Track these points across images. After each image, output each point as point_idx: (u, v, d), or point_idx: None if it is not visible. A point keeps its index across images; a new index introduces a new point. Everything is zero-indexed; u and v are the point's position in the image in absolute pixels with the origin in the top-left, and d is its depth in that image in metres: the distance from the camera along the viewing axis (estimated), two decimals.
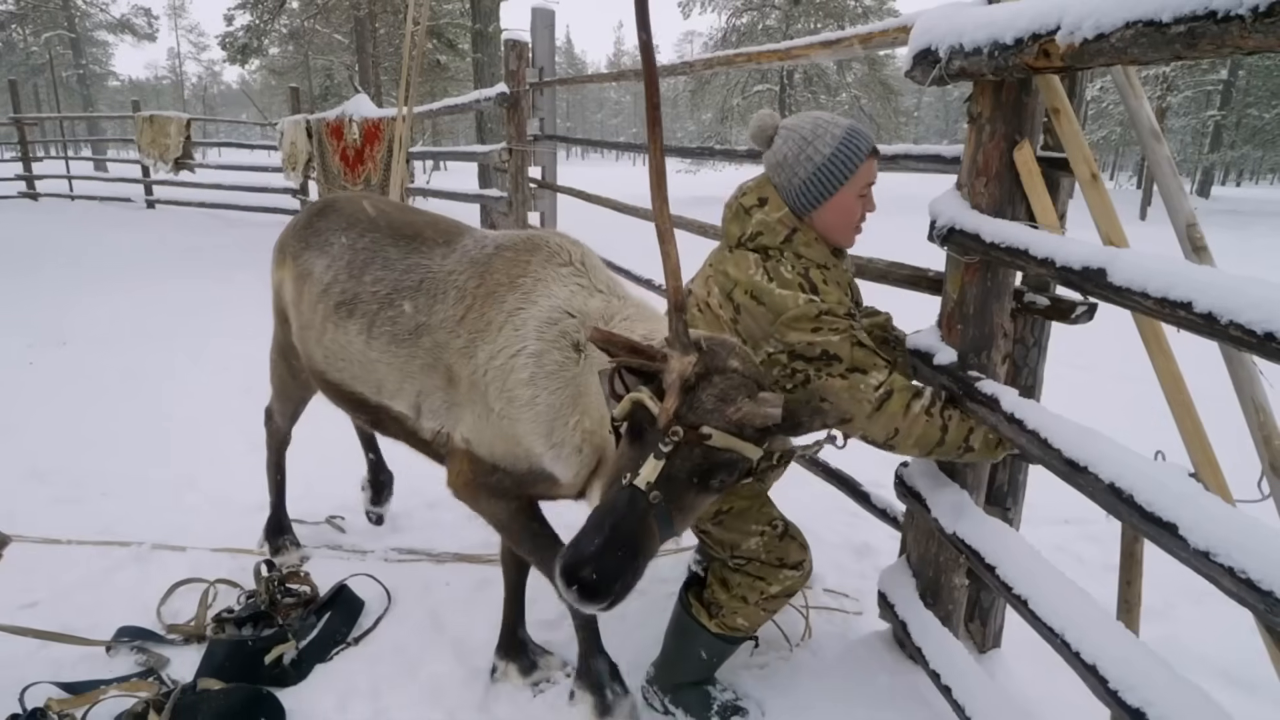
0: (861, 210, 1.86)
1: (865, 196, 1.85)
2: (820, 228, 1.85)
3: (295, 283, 2.37)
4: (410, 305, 2.03)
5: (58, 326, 5.85)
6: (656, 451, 1.31)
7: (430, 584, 2.67)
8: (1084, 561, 2.88)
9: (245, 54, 20.60)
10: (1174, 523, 1.12)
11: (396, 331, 2.04)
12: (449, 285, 2.00)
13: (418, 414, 2.05)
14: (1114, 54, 1.26)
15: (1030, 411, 1.52)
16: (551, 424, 1.77)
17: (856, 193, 1.82)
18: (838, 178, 1.78)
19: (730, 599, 1.96)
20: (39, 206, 13.18)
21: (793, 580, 1.94)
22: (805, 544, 1.99)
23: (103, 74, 44.11)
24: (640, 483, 1.31)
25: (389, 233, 2.24)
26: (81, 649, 2.23)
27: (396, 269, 2.12)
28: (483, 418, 1.86)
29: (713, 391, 1.35)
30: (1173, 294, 1.15)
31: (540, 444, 1.79)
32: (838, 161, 1.78)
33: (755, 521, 1.94)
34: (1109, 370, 5.10)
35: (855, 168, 1.79)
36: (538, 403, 1.77)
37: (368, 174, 7.74)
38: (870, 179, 1.84)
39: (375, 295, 2.11)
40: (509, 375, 1.79)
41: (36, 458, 3.58)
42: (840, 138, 1.78)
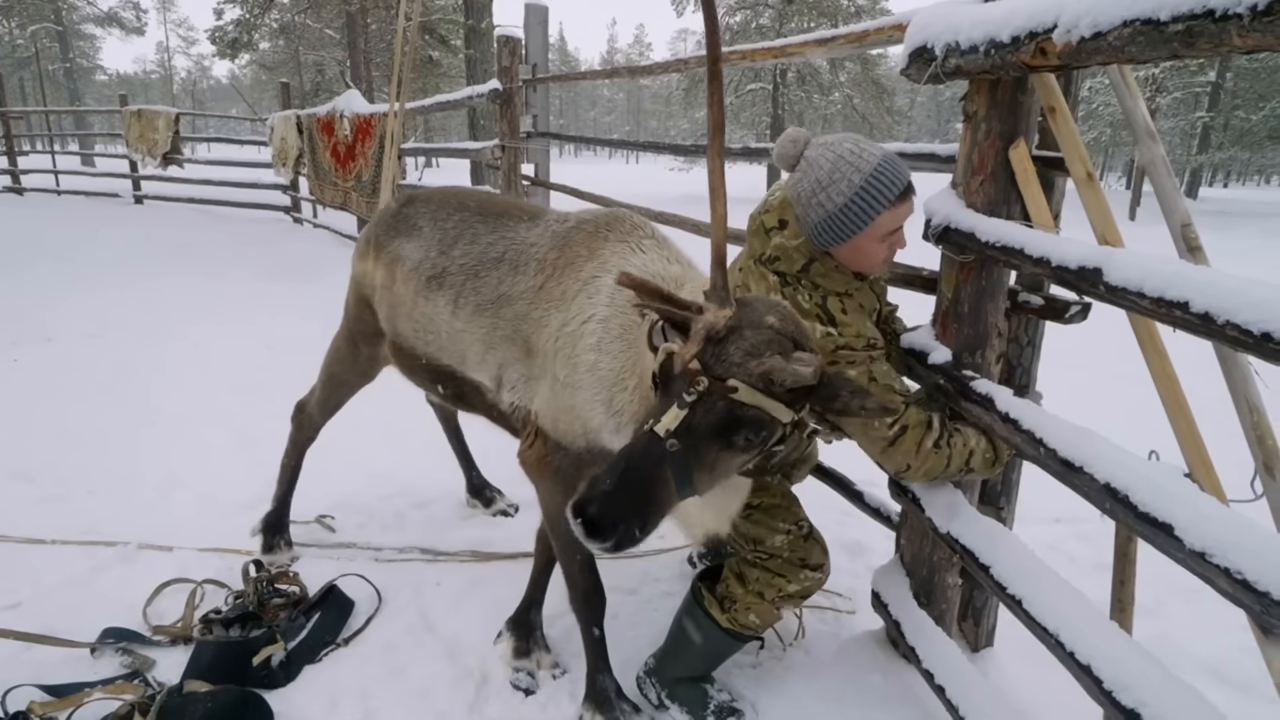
0: (890, 249, 1.73)
1: (893, 235, 1.70)
2: (841, 259, 1.75)
3: (386, 269, 2.43)
4: (494, 276, 2.09)
5: (43, 323, 5.78)
6: (680, 401, 1.29)
7: (421, 584, 2.65)
8: (1075, 560, 2.89)
9: (235, 48, 20.46)
10: (1169, 523, 1.12)
11: (480, 302, 2.09)
12: (530, 257, 2.04)
13: (498, 386, 2.07)
14: (1111, 52, 1.25)
15: (1025, 411, 1.52)
16: (611, 390, 1.74)
17: (878, 238, 1.68)
18: (854, 226, 1.64)
19: (746, 594, 1.94)
20: (25, 201, 13.03)
21: (811, 582, 1.94)
22: (826, 549, 2.00)
23: (90, 68, 43.75)
24: (660, 429, 1.28)
25: (477, 211, 2.31)
26: (65, 651, 2.19)
27: (483, 242, 2.19)
28: (551, 389, 1.87)
29: (742, 345, 1.31)
30: (1169, 294, 1.15)
31: (600, 414, 1.75)
32: (854, 210, 1.63)
33: (783, 520, 1.94)
34: (1103, 370, 5.12)
35: (874, 217, 1.63)
36: (600, 368, 1.75)
37: (359, 170, 7.69)
38: (896, 224, 1.68)
39: (463, 268, 2.18)
40: (578, 342, 1.80)
41: (20, 456, 3.53)
42: (859, 186, 1.61)
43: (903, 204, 1.68)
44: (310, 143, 9.01)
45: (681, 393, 1.29)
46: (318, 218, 10.59)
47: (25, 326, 5.67)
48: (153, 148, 11.49)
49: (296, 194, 11.03)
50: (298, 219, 11.18)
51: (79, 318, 5.97)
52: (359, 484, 3.29)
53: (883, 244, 1.70)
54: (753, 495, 1.90)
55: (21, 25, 34.41)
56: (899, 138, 32.28)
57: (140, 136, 11.62)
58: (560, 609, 2.51)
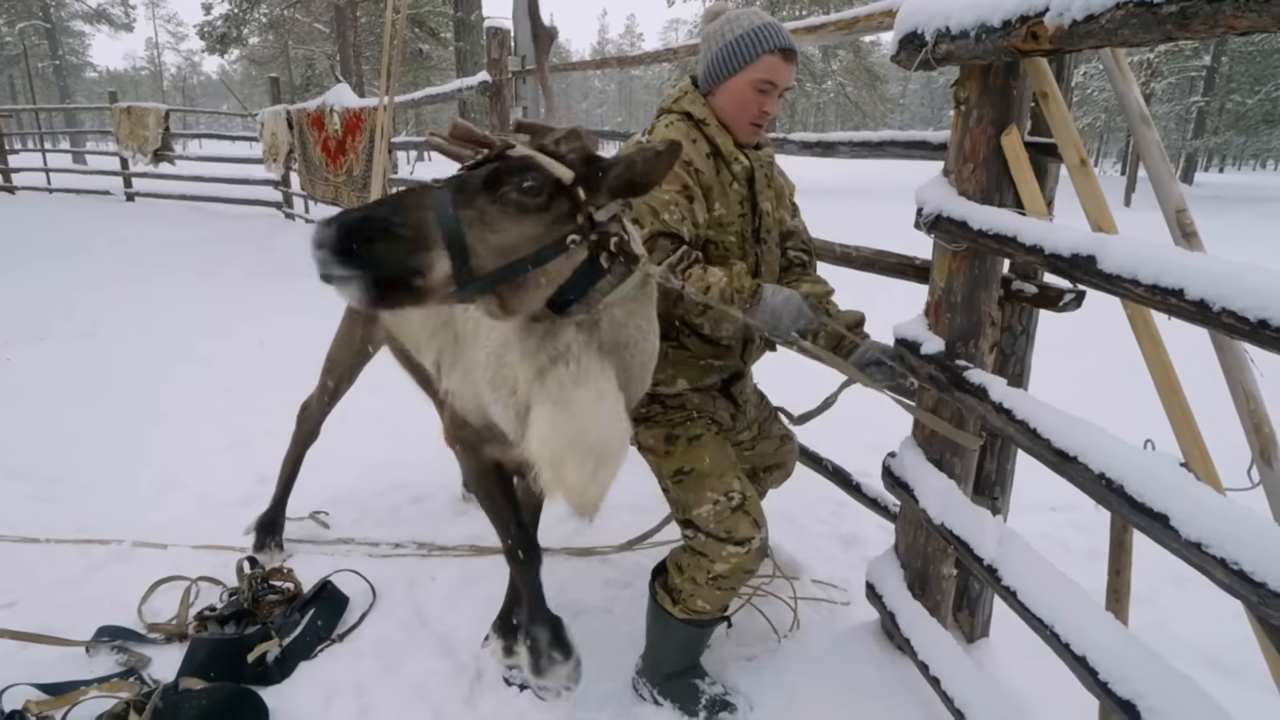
0: (758, 106, 1.88)
1: (766, 93, 1.87)
2: (718, 111, 1.92)
3: None
4: None
5: (36, 321, 5.74)
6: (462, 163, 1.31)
7: (415, 579, 2.65)
8: (1070, 549, 2.89)
9: (224, 43, 20.33)
10: (1165, 513, 1.11)
11: None
12: None
13: (438, 372, 2.12)
14: (1104, 35, 1.23)
15: (1019, 401, 1.51)
16: (494, 363, 1.74)
17: (751, 83, 1.85)
18: (735, 62, 1.85)
19: (684, 581, 1.95)
20: (15, 200, 12.93)
21: (739, 558, 1.89)
22: (760, 522, 1.94)
23: (80, 65, 43.41)
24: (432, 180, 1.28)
25: None
26: (61, 649, 2.19)
27: None
28: (461, 369, 1.92)
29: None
30: (1164, 281, 1.14)
31: (487, 389, 1.77)
32: (739, 47, 1.84)
33: (713, 489, 1.91)
34: (1097, 358, 5.11)
35: (753, 57, 1.84)
36: (485, 347, 1.77)
37: (350, 165, 7.64)
38: (769, 76, 1.85)
39: None
40: (479, 327, 1.82)
41: (13, 455, 3.51)
42: (748, 30, 1.84)
43: (781, 60, 1.85)
44: (301, 138, 8.95)
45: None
46: (309, 213, 10.52)
47: (19, 325, 5.64)
48: (143, 145, 11.41)
49: (288, 189, 10.96)
50: (289, 214, 11.11)
51: (72, 316, 5.93)
52: (354, 479, 3.28)
53: (753, 95, 1.86)
54: (687, 460, 1.92)
55: (10, 23, 34.09)
56: (892, 125, 32.19)
57: (130, 133, 11.54)
58: (555, 603, 2.47)
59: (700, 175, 1.85)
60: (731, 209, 1.91)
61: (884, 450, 2.15)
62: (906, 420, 2.09)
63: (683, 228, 1.79)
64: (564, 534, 2.89)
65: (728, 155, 1.91)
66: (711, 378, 2.04)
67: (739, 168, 1.93)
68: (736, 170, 1.93)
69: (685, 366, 2.00)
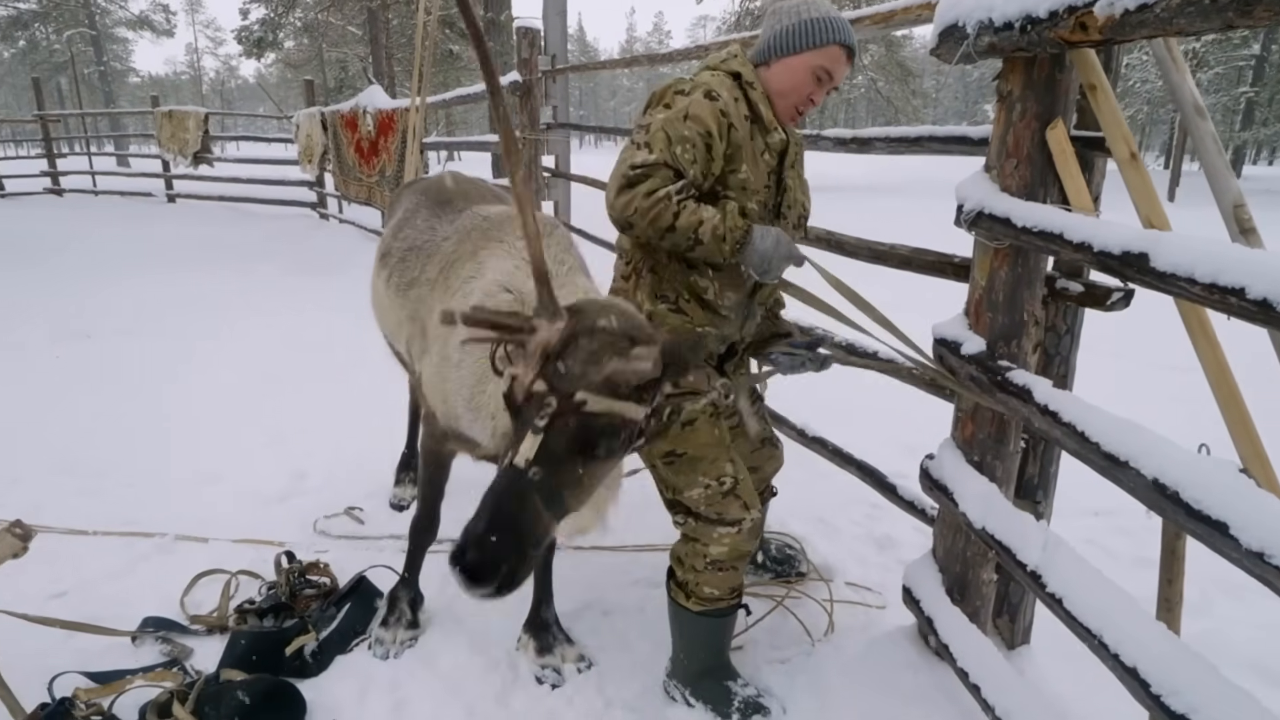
0: (809, 91, 1.90)
1: (820, 81, 1.89)
2: (766, 82, 1.91)
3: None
4: (415, 262, 2.30)
5: (82, 319, 5.92)
6: (533, 427, 1.25)
7: (448, 575, 2.63)
8: (1115, 555, 2.81)
9: (260, 47, 20.74)
10: (1224, 521, 1.07)
11: (400, 283, 2.33)
12: (438, 249, 2.23)
13: (410, 358, 2.28)
14: (1158, 25, 1.19)
15: (1066, 403, 1.46)
16: (472, 390, 1.84)
17: (811, 67, 1.87)
18: (802, 41, 1.86)
19: (686, 572, 1.97)
20: (64, 202, 13.34)
21: (731, 539, 1.90)
22: (751, 504, 1.94)
23: (123, 70, 44.58)
24: (519, 460, 1.25)
25: (430, 199, 2.55)
26: (108, 639, 2.24)
27: (417, 229, 2.41)
28: (430, 368, 2.02)
29: (580, 355, 1.29)
30: (1222, 279, 1.09)
31: (461, 406, 1.87)
32: (812, 28, 1.85)
33: (705, 473, 1.90)
34: (1145, 359, 4.98)
35: (822, 43, 1.85)
36: (463, 366, 1.86)
37: (382, 165, 7.74)
38: (829, 66, 1.87)
39: (399, 250, 2.43)
40: (450, 337, 1.88)
41: (63, 451, 3.62)
42: (823, 17, 1.86)
43: (843, 54, 1.87)
44: (334, 139, 9.08)
45: (533, 419, 1.26)
46: (343, 213, 10.69)
47: (66, 323, 5.82)
48: (183, 147, 11.69)
49: (322, 190, 11.14)
50: (324, 215, 11.29)
51: (116, 314, 6.10)
52: (387, 476, 3.31)
53: (809, 79, 1.88)
54: (679, 444, 1.91)
55: (58, 30, 35.15)
56: (926, 121, 31.68)
57: (172, 136, 11.82)
58: (585, 602, 2.52)
59: (733, 131, 1.81)
60: (759, 177, 1.88)
61: (921, 452, 2.11)
62: (945, 422, 2.05)
63: (690, 169, 1.76)
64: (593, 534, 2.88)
65: (767, 123, 1.89)
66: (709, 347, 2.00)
67: (775, 139, 1.92)
68: (772, 141, 1.91)
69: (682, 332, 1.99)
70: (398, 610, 2.35)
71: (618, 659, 2.27)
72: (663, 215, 1.71)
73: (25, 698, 1.91)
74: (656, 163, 1.74)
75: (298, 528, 2.97)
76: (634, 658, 2.26)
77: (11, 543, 1.91)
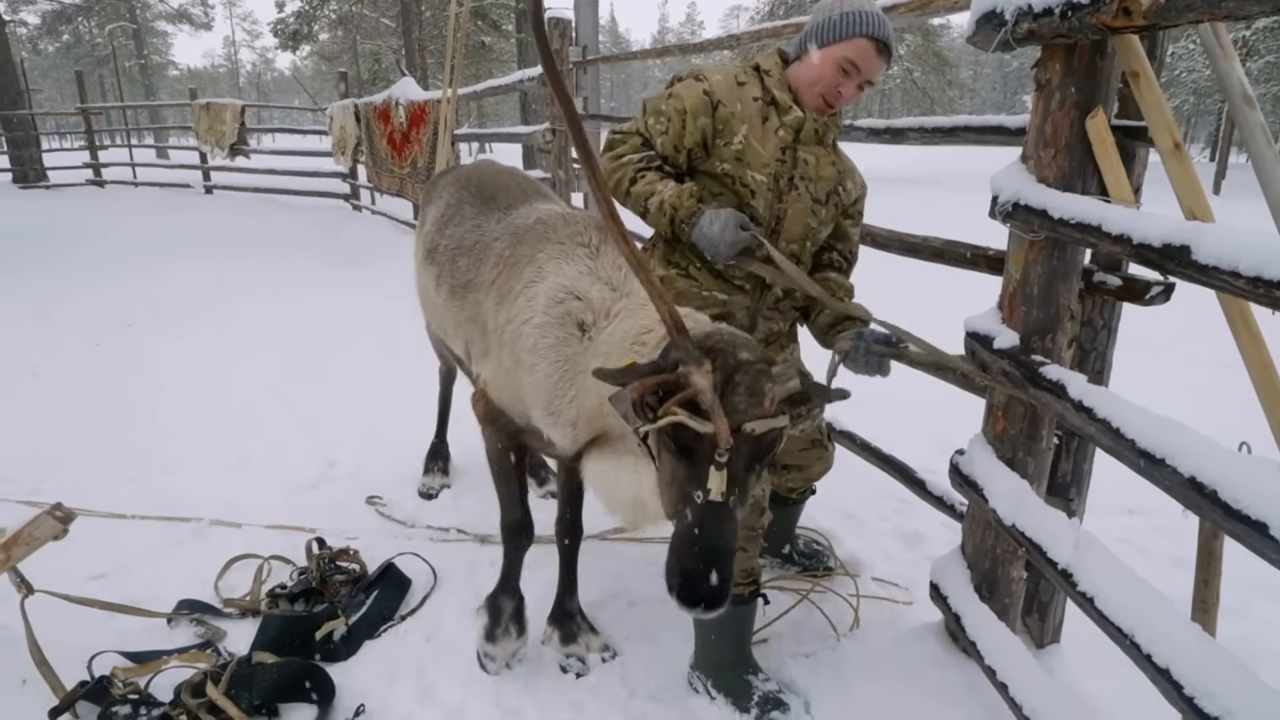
0: (832, 81, 1.94)
1: (848, 74, 1.93)
2: (795, 75, 2.00)
3: (419, 228, 2.75)
4: (465, 263, 2.25)
5: (123, 309, 6.07)
6: (716, 464, 1.34)
7: (475, 564, 2.69)
8: (1149, 554, 2.74)
9: (296, 40, 21.03)
10: (1264, 521, 1.03)
11: (454, 285, 2.28)
12: (491, 250, 2.17)
13: (469, 359, 2.24)
14: (1206, 8, 1.15)
15: (1101, 399, 1.43)
16: (550, 394, 1.84)
17: (836, 59, 1.91)
18: (830, 34, 1.91)
19: None
20: (105, 193, 13.69)
21: None
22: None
23: (163, 63, 45.51)
24: (716, 497, 1.35)
25: (473, 193, 2.49)
26: (144, 620, 2.31)
27: (466, 226, 2.36)
28: (498, 369, 2.00)
29: (741, 392, 1.38)
30: (1268, 273, 1.06)
31: (539, 410, 1.88)
32: (840, 22, 1.90)
33: None
34: (1182, 352, 4.85)
35: (848, 35, 1.89)
36: (537, 370, 1.85)
37: (414, 157, 7.80)
38: (856, 58, 1.91)
39: (446, 249, 2.37)
40: (518, 340, 1.89)
41: (104, 436, 3.72)
42: (852, 10, 1.90)
43: (873, 49, 1.91)
44: (367, 131, 9.18)
45: (714, 456, 1.34)
46: (375, 204, 10.82)
47: (108, 312, 5.98)
48: (220, 139, 11.91)
49: (355, 181, 11.29)
50: (357, 206, 11.45)
51: (155, 303, 6.25)
52: (419, 466, 3.35)
53: (834, 71, 1.92)
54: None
55: (100, 24, 36.00)
56: (962, 112, 31.10)
57: (209, 129, 12.05)
58: (610, 593, 2.53)
59: (720, 108, 1.95)
60: (769, 150, 1.97)
61: (951, 447, 2.08)
62: (976, 417, 2.02)
63: (659, 139, 1.97)
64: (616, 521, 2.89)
65: (782, 104, 1.99)
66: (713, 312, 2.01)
67: (791, 118, 1.99)
68: (788, 119, 1.99)
69: (689, 298, 2.04)
70: (503, 621, 2.18)
71: (642, 650, 2.27)
72: (622, 180, 1.94)
73: (65, 675, 1.97)
74: (630, 131, 1.98)
75: (328, 514, 3.02)
76: (658, 648, 2.26)
77: (53, 525, 1.97)
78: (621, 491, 1.69)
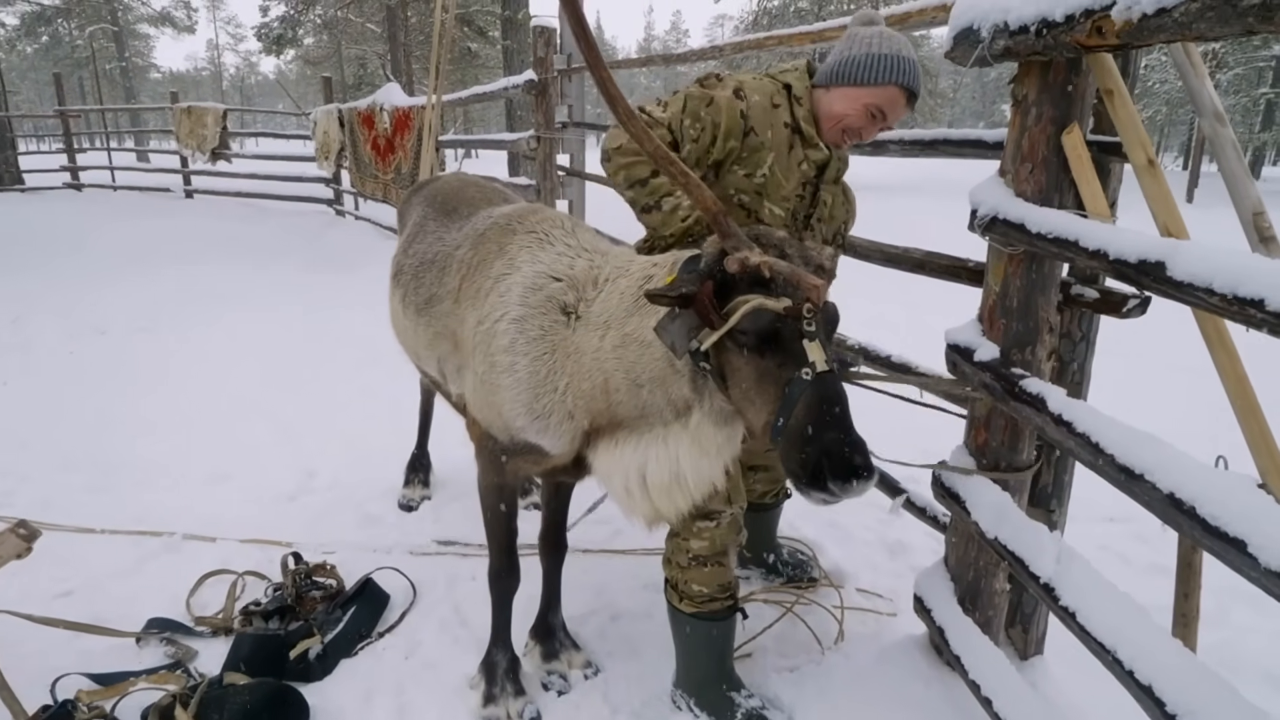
0: (858, 123, 1.88)
1: (873, 118, 1.87)
2: (817, 103, 1.92)
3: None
4: (428, 278, 2.18)
5: (98, 316, 5.97)
6: (808, 335, 1.32)
7: (456, 577, 2.66)
8: (1130, 562, 2.76)
9: (280, 44, 20.83)
10: (1241, 539, 1.03)
11: (419, 303, 2.20)
12: (452, 259, 2.10)
13: (444, 379, 2.17)
14: (1177, 30, 1.16)
15: (1080, 412, 1.43)
16: (535, 391, 1.74)
17: (865, 103, 1.84)
18: (864, 74, 1.82)
19: (673, 570, 1.99)
20: (82, 197, 13.47)
21: (711, 533, 1.92)
22: (735, 497, 1.95)
23: (145, 66, 45.01)
24: (823, 366, 1.31)
25: (437, 208, 2.43)
26: (112, 640, 2.25)
27: (428, 242, 2.29)
28: (475, 381, 1.90)
29: (798, 262, 1.38)
30: (1242, 290, 1.06)
31: (521, 415, 1.77)
32: (877, 64, 1.82)
33: None
34: (1160, 359, 4.90)
35: (882, 81, 1.81)
36: (517, 369, 1.75)
37: (398, 163, 7.76)
38: (884, 105, 1.84)
39: (410, 267, 2.30)
40: (491, 340, 1.81)
41: (74, 447, 3.64)
42: (890, 55, 1.82)
43: (901, 96, 1.83)
44: (351, 136, 9.12)
45: (804, 329, 1.32)
46: (359, 210, 10.74)
47: (83, 319, 5.87)
48: (201, 143, 11.79)
49: (339, 186, 11.20)
50: (340, 211, 11.35)
51: (131, 310, 6.15)
52: (397, 476, 3.31)
53: (862, 114, 1.85)
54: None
55: (80, 26, 35.50)
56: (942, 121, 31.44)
57: (190, 133, 11.92)
58: (593, 607, 2.50)
59: (751, 136, 1.85)
60: (791, 184, 1.91)
61: (935, 457, 2.08)
62: (958, 427, 2.02)
63: (687, 145, 1.85)
64: (603, 536, 2.87)
65: (808, 137, 1.92)
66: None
67: (817, 155, 1.94)
68: (813, 155, 1.93)
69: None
70: (498, 681, 2.07)
71: (625, 665, 2.25)
72: (639, 167, 1.83)
73: (28, 699, 1.90)
74: (661, 120, 1.83)
75: (307, 526, 2.97)
76: (641, 664, 2.24)
77: (15, 544, 1.92)
78: (655, 471, 1.59)
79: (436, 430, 3.31)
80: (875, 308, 5.08)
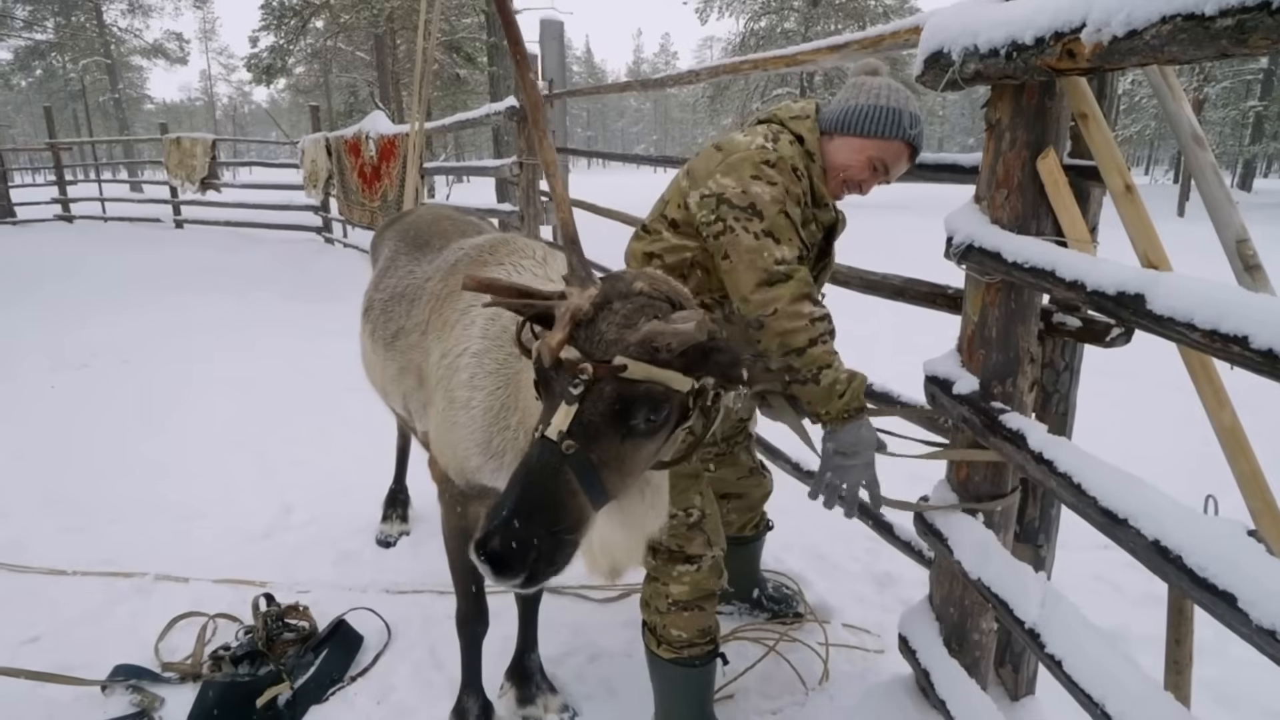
0: (860, 175, 1.82)
1: (875, 171, 1.81)
2: (825, 153, 1.83)
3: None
4: (398, 312, 2.13)
5: (82, 349, 5.90)
6: (567, 396, 1.12)
7: (431, 617, 2.58)
8: (1124, 591, 2.68)
9: (270, 74, 20.91)
10: (1232, 592, 0.97)
11: (386, 337, 2.15)
12: (422, 291, 2.06)
13: (410, 416, 2.11)
14: (1148, 52, 1.12)
15: (1061, 451, 1.37)
16: (489, 430, 1.66)
17: (869, 155, 1.79)
18: (871, 126, 1.77)
19: (652, 615, 1.91)
20: (73, 229, 13.46)
21: (692, 577, 1.84)
22: (714, 541, 1.88)
23: (138, 98, 45.22)
24: (552, 433, 1.12)
25: (409, 242, 2.40)
26: (77, 688, 2.17)
27: (398, 276, 2.25)
28: (436, 419, 1.83)
29: (615, 319, 1.18)
30: (1224, 326, 1.01)
31: (476, 454, 1.68)
32: (884, 117, 1.76)
33: (674, 503, 1.79)
34: (1151, 379, 4.85)
35: (888, 134, 1.76)
36: (473, 406, 1.68)
37: (384, 190, 7.74)
38: (888, 160, 1.79)
39: (380, 302, 2.26)
40: (453, 375, 1.75)
41: (49, 484, 3.57)
42: (899, 109, 1.77)
43: (904, 151, 1.79)
44: (338, 164, 9.12)
45: (566, 388, 1.13)
46: (347, 237, 10.72)
47: (66, 352, 5.81)
48: (191, 174, 11.78)
49: (327, 215, 11.19)
50: (329, 239, 11.34)
51: (114, 343, 6.08)
52: (375, 511, 3.23)
53: (865, 166, 1.79)
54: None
55: (74, 59, 35.71)
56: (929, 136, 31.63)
57: (179, 163, 11.93)
58: (571, 646, 2.43)
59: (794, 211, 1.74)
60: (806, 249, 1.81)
61: (924, 483, 2.01)
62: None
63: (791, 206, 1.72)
64: (579, 573, 2.79)
65: (819, 197, 1.84)
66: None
67: (825, 217, 1.87)
68: (825, 218, 1.87)
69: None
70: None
71: (603, 708, 2.17)
72: (797, 335, 1.61)
73: None
74: (794, 261, 1.66)
75: (282, 565, 2.90)
76: (620, 707, 2.16)
77: None
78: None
79: (415, 464, 3.24)
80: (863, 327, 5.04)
